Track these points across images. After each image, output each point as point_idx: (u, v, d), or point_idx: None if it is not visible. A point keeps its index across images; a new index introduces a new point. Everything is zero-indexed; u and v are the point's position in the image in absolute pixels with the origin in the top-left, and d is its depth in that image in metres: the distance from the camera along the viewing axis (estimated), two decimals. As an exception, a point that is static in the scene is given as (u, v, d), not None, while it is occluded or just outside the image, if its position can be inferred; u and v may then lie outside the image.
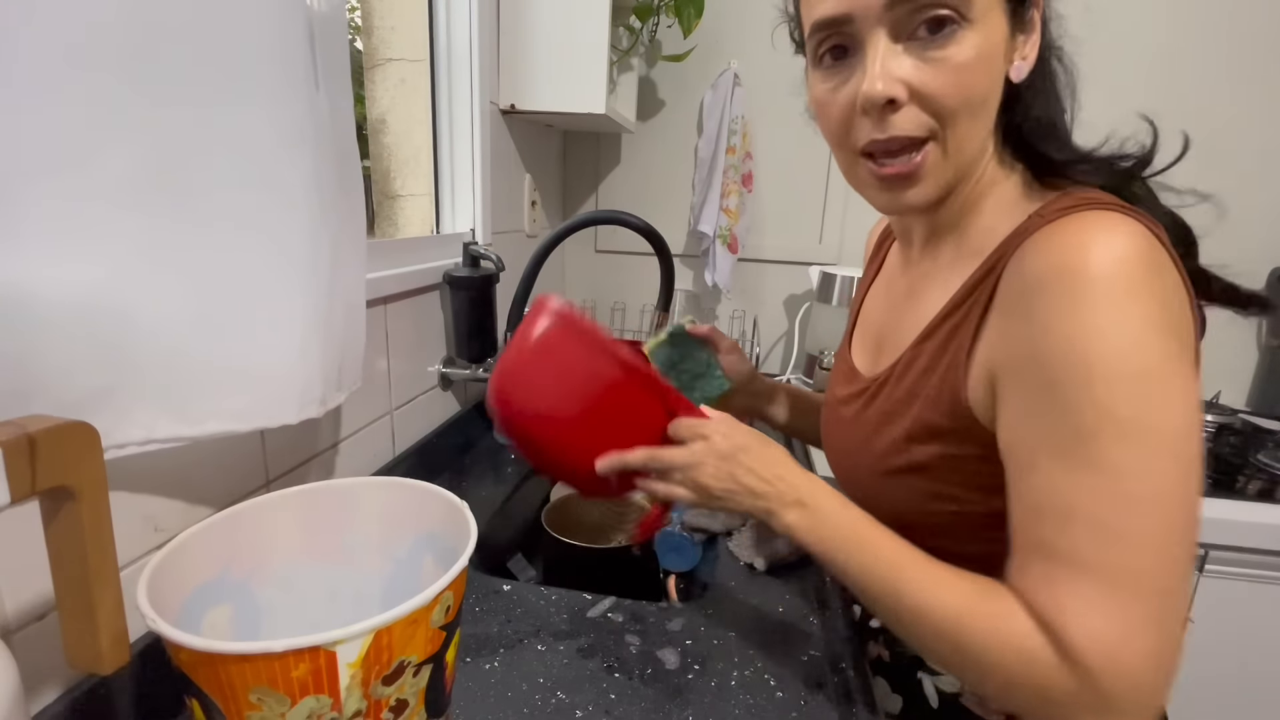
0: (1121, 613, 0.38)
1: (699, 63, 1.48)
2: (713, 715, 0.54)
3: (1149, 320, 0.38)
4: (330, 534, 0.53)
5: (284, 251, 0.50)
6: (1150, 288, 0.39)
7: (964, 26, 0.43)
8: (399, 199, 1.12)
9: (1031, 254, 0.43)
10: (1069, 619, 0.39)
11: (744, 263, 1.63)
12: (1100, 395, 0.38)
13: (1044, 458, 0.41)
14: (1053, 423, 0.40)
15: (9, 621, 0.43)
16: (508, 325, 1.00)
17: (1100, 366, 0.38)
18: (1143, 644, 0.38)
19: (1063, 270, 0.40)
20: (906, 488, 0.53)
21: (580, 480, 0.56)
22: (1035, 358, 0.41)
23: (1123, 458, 0.38)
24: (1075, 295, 0.39)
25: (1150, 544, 0.38)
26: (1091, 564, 0.39)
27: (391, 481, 0.55)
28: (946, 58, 0.43)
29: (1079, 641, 0.38)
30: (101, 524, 0.35)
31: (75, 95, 0.38)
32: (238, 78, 0.45)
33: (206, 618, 0.45)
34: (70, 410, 0.37)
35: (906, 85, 0.44)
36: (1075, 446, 0.39)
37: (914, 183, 0.48)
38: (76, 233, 0.39)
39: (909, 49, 0.44)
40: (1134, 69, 1.42)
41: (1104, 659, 0.37)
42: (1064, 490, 0.40)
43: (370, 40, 1.07)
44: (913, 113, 0.45)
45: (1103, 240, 0.39)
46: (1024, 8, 0.45)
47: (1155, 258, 0.40)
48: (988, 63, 0.44)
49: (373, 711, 0.39)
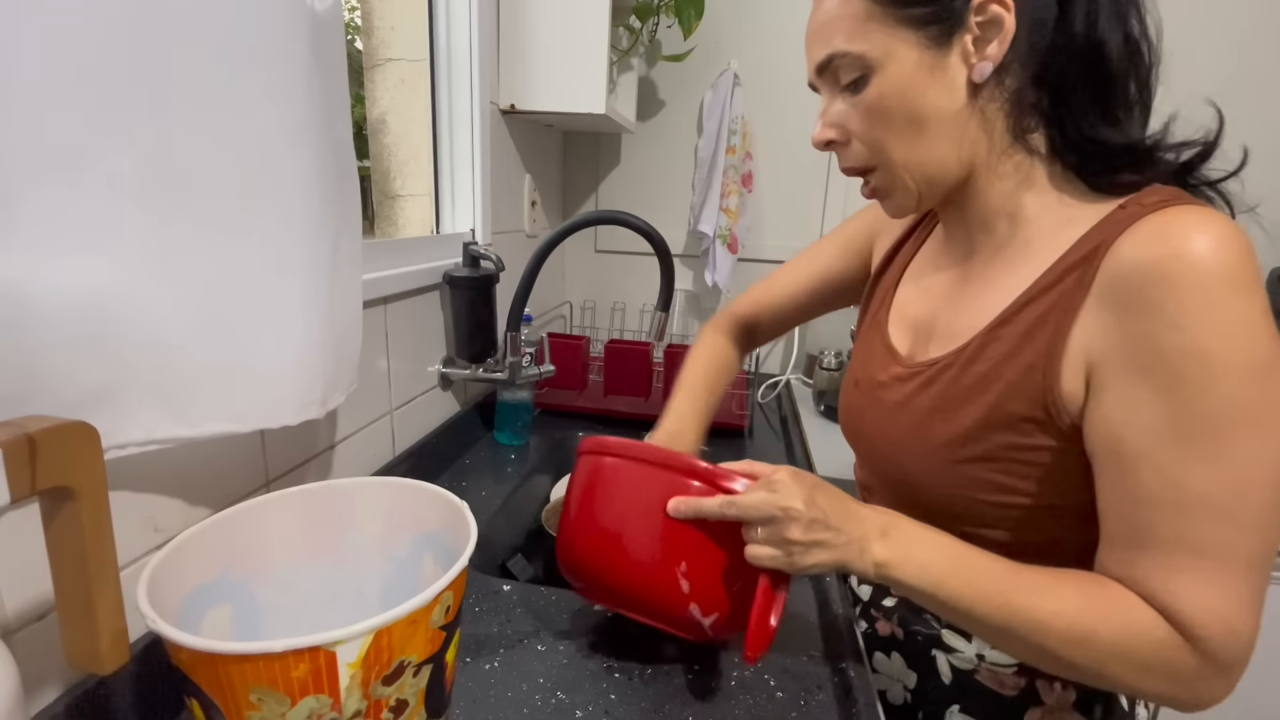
0: (1237, 590, 0.42)
1: (699, 63, 1.48)
2: (713, 715, 0.54)
3: (1264, 314, 0.41)
4: (330, 534, 0.53)
5: (283, 252, 0.50)
6: (1258, 283, 0.41)
7: (872, 72, 0.49)
8: (399, 199, 1.13)
9: (1133, 244, 0.43)
10: (1190, 601, 0.42)
11: (744, 263, 1.63)
12: (1222, 385, 0.40)
13: (1162, 449, 0.42)
14: (1173, 415, 0.42)
15: (9, 621, 0.43)
16: (508, 325, 1.01)
17: (1227, 360, 0.40)
18: (1252, 615, 0.42)
19: (1174, 260, 0.41)
20: (967, 477, 0.52)
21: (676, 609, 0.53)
22: (1152, 353, 0.42)
23: (1244, 448, 0.41)
24: (1192, 288, 0.40)
25: (1261, 526, 0.41)
26: (1209, 548, 0.42)
27: (391, 482, 0.55)
28: (860, 101, 0.51)
29: (1201, 620, 0.42)
30: (101, 524, 0.35)
31: (75, 95, 0.38)
32: (236, 78, 0.45)
33: (206, 618, 0.45)
34: (70, 411, 0.37)
35: (840, 129, 0.54)
36: (1197, 438, 0.41)
37: (882, 198, 0.56)
38: (76, 233, 0.39)
39: (843, 98, 0.53)
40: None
41: (1226, 634, 0.42)
42: (1184, 481, 0.42)
43: (370, 40, 1.07)
44: (856, 148, 0.54)
45: (1212, 236, 0.41)
46: (946, 24, 0.47)
47: (1252, 254, 0.42)
48: (900, 94, 0.49)
49: (373, 711, 0.39)
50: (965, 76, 0.48)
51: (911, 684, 0.63)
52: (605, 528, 0.55)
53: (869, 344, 0.66)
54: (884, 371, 0.61)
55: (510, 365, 1.02)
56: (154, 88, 0.41)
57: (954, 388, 0.53)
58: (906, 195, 0.54)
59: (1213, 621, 0.42)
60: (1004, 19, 0.46)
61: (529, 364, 1.05)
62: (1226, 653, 0.42)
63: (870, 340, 0.66)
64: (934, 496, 0.55)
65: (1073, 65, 0.48)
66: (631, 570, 0.53)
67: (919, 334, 0.60)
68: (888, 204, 0.56)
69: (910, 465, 0.57)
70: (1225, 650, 0.42)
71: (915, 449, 0.56)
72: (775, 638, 0.51)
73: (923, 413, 0.55)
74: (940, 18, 0.47)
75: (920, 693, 0.63)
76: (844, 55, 0.50)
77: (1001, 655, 0.57)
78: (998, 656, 0.58)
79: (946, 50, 0.48)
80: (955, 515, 0.53)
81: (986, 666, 0.58)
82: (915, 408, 0.56)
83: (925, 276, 0.63)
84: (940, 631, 0.61)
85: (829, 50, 0.50)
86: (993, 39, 0.47)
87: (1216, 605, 0.42)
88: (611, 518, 0.55)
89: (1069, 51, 0.47)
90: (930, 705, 0.62)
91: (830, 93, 0.54)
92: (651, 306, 1.46)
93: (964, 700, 0.59)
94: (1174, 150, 0.49)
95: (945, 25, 0.47)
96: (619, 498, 0.55)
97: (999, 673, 0.58)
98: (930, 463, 0.54)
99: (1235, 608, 0.42)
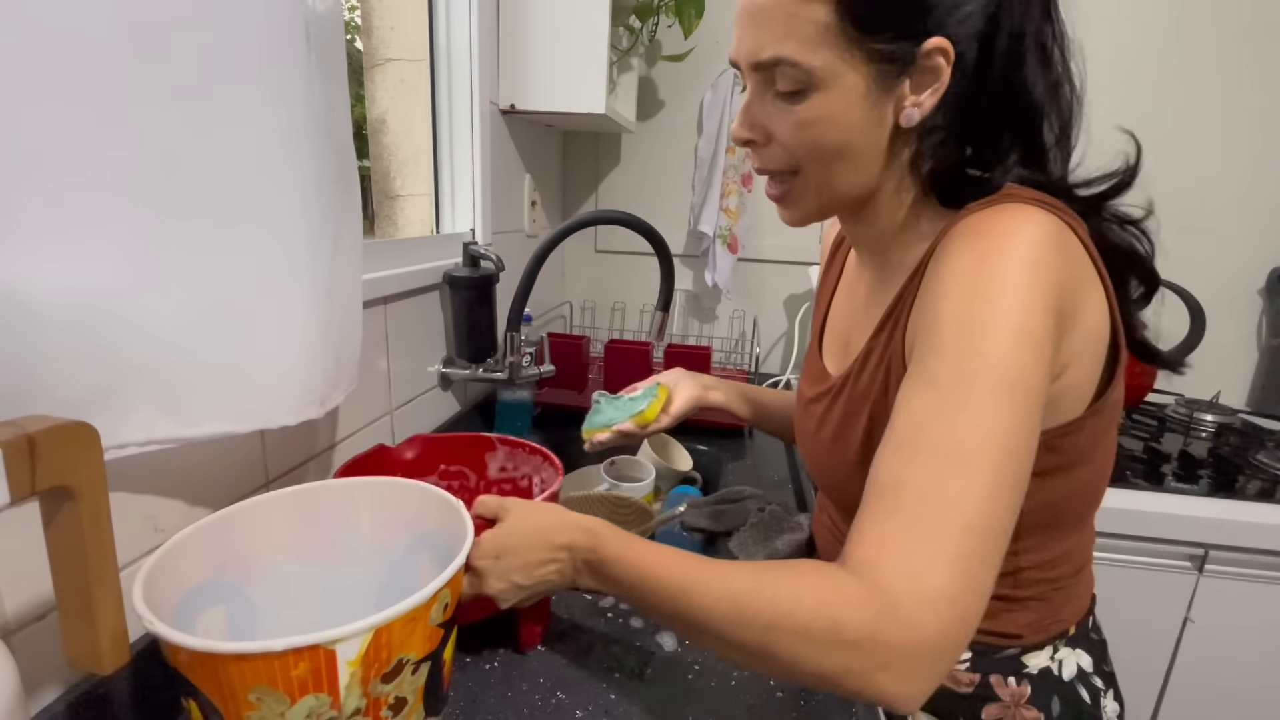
0: (943, 545, 0.38)
1: (699, 63, 1.48)
2: (713, 715, 0.54)
3: (1040, 291, 0.42)
4: (325, 534, 0.53)
5: (283, 252, 0.50)
6: (1044, 267, 0.43)
7: (814, 89, 0.48)
8: (399, 199, 1.13)
9: (948, 240, 0.47)
10: (885, 544, 0.39)
11: (744, 263, 1.63)
12: (982, 345, 0.41)
13: (915, 398, 0.43)
14: (931, 368, 0.43)
15: (9, 621, 0.43)
16: (508, 325, 1.01)
17: (987, 321, 0.42)
18: (951, 578, 0.37)
19: (970, 248, 0.45)
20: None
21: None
22: (932, 312, 0.45)
23: (985, 403, 0.40)
24: (975, 264, 0.44)
25: (988, 486, 0.39)
26: (929, 490, 0.39)
27: (386, 481, 0.55)
28: (794, 111, 0.50)
29: (885, 563, 0.38)
30: (101, 524, 0.35)
31: (74, 95, 0.38)
32: (236, 78, 0.45)
33: (201, 619, 0.45)
34: (69, 411, 0.37)
35: (764, 130, 0.52)
36: (948, 388, 0.42)
37: (784, 204, 0.57)
38: (75, 233, 0.39)
39: (773, 99, 0.51)
40: (1135, 68, 1.43)
41: (909, 587, 0.37)
42: (924, 425, 0.42)
43: (370, 40, 1.07)
44: (775, 150, 0.53)
45: (1012, 223, 0.44)
46: (898, 64, 0.47)
47: (1063, 243, 0.44)
48: (839, 118, 0.49)
49: (372, 709, 0.39)
50: (893, 119, 0.49)
51: None
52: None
53: (808, 361, 0.70)
54: (813, 387, 0.65)
55: (510, 365, 1.02)
56: (153, 88, 0.41)
57: (852, 397, 0.57)
58: (808, 210, 0.56)
59: (896, 569, 0.37)
60: (943, 72, 0.47)
61: (529, 364, 1.05)
62: (905, 606, 0.36)
63: (810, 357, 0.70)
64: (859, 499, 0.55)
65: (989, 111, 0.49)
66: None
67: (844, 347, 0.64)
68: (789, 211, 0.57)
69: (839, 474, 0.59)
70: (903, 603, 0.36)
71: (836, 458, 0.59)
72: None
73: (836, 423, 0.59)
74: (895, 57, 0.47)
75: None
76: (794, 65, 0.48)
77: None
78: None
79: (889, 88, 0.48)
80: None
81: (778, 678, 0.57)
82: (831, 419, 0.60)
83: (847, 293, 0.68)
84: None
85: (778, 53, 0.48)
86: (928, 87, 0.48)
87: (907, 553, 0.38)
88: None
89: (986, 98, 0.49)
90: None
91: (759, 90, 0.52)
92: (651, 306, 1.45)
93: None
94: (1087, 185, 0.52)
95: (896, 65, 0.47)
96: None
97: (954, 671, 0.58)
98: (850, 469, 0.56)
99: (930, 562, 0.37)
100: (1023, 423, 0.41)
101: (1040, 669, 0.57)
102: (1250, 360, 1.56)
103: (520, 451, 0.75)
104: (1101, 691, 0.58)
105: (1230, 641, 1.16)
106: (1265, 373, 1.54)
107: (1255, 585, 1.12)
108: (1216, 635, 1.16)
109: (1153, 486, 1.15)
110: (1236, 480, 1.20)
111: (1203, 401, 1.49)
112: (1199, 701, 1.19)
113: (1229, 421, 1.41)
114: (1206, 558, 1.12)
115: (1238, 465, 1.25)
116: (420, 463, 0.75)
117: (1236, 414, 1.46)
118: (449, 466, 0.77)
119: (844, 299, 0.68)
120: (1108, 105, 0.56)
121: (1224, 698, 1.18)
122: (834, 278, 0.72)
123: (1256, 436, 1.37)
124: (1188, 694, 1.19)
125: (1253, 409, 1.55)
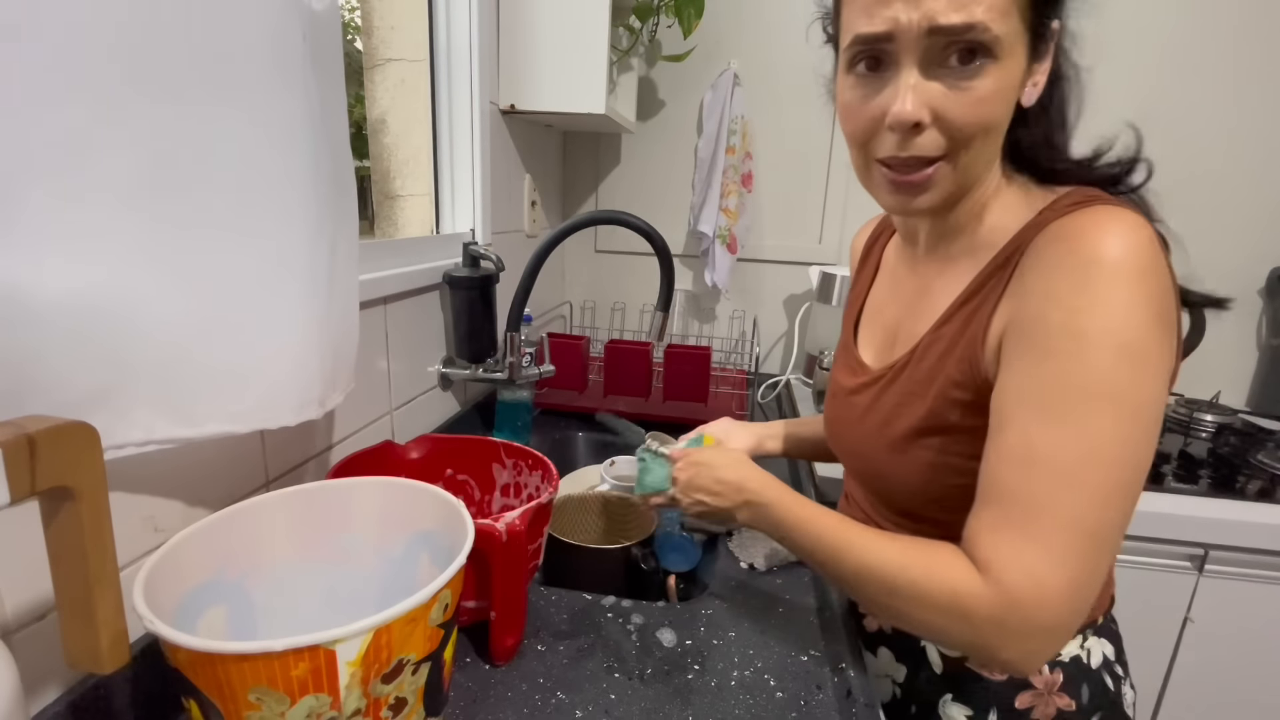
0: (1061, 552, 0.43)
1: (699, 63, 1.48)
2: (713, 715, 0.54)
3: (1144, 303, 0.43)
4: (325, 534, 0.53)
5: (282, 252, 0.50)
6: (1150, 276, 0.43)
7: (990, 61, 0.46)
8: (399, 199, 1.12)
9: (1047, 241, 0.47)
10: (1001, 550, 0.44)
11: (744, 263, 1.63)
12: (1090, 360, 0.43)
13: (1025, 410, 0.45)
14: (1041, 381, 0.44)
15: (9, 621, 0.43)
16: (508, 325, 1.01)
17: (1095, 335, 0.43)
18: (1069, 579, 0.42)
19: (1075, 253, 0.44)
20: (929, 463, 0.56)
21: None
22: (1039, 319, 0.45)
23: (1097, 420, 0.42)
24: (1083, 272, 0.44)
25: (1099, 496, 0.42)
26: (1043, 505, 0.43)
27: (386, 481, 0.55)
28: (972, 88, 0.46)
29: (1007, 568, 0.43)
30: (101, 524, 0.35)
31: (73, 95, 0.38)
32: (233, 78, 0.45)
33: (202, 619, 0.45)
34: (68, 410, 0.37)
35: (932, 110, 0.47)
36: (1057, 404, 0.43)
37: (922, 191, 0.51)
38: (75, 233, 0.39)
39: (938, 75, 0.46)
40: (1136, 70, 1.43)
41: (1031, 587, 0.42)
42: (1036, 441, 0.44)
43: (370, 40, 1.07)
44: (933, 135, 0.48)
45: (1114, 229, 0.44)
46: (1043, 42, 0.48)
47: (1156, 251, 0.44)
48: (1006, 94, 0.47)
49: (372, 709, 0.39)
50: (1018, 96, 0.49)
51: (901, 678, 0.65)
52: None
53: (843, 354, 0.71)
54: (852, 379, 0.66)
55: (510, 365, 1.02)
56: (151, 88, 0.41)
57: (909, 384, 0.57)
58: (944, 192, 0.51)
59: (1019, 572, 0.43)
60: (1049, 55, 0.49)
61: (529, 364, 1.05)
62: (1027, 606, 0.42)
63: (844, 350, 0.71)
64: (906, 487, 0.58)
65: (1053, 99, 0.52)
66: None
67: (890, 340, 0.64)
68: (921, 198, 0.51)
69: (882, 461, 0.60)
70: (1025, 603, 0.42)
71: (883, 445, 0.59)
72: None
73: (886, 411, 0.59)
74: (1043, 34, 0.48)
75: (911, 686, 0.64)
76: (986, 30, 0.44)
77: None
78: None
79: (1030, 67, 0.49)
80: (929, 501, 0.57)
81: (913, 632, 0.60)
82: (880, 408, 0.60)
83: (890, 285, 0.68)
84: None
85: (968, 18, 0.43)
86: (1042, 69, 0.50)
87: (1029, 558, 0.43)
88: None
89: (1061, 84, 0.52)
90: (923, 697, 0.63)
91: (924, 65, 0.46)
92: (651, 306, 1.45)
93: (955, 689, 0.61)
94: (1109, 167, 0.54)
95: (1042, 42, 0.49)
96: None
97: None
98: (897, 456, 0.58)
99: (1051, 566, 0.42)
100: (1129, 433, 0.42)
101: (1071, 657, 0.58)
102: (1250, 360, 1.56)
103: (523, 462, 0.75)
104: (1121, 679, 0.61)
105: (1230, 641, 1.16)
106: (1265, 373, 1.54)
107: (1255, 585, 1.12)
108: (1216, 635, 1.15)
109: (1153, 486, 1.15)
110: (1236, 480, 1.20)
111: (1203, 401, 1.49)
112: (1199, 701, 1.19)
113: (1229, 421, 1.41)
114: (1206, 558, 1.12)
115: (1238, 465, 1.25)
116: (425, 463, 0.75)
117: (1236, 414, 1.46)
118: (456, 474, 0.77)
119: (886, 293, 0.68)
120: (1108, 105, 0.56)
121: (1224, 698, 1.18)
122: (869, 275, 0.72)
123: (1256, 436, 1.37)
124: (1188, 694, 1.19)
125: (1253, 409, 1.55)
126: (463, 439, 0.77)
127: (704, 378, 1.26)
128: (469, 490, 0.77)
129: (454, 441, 0.77)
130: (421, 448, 0.76)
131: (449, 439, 0.77)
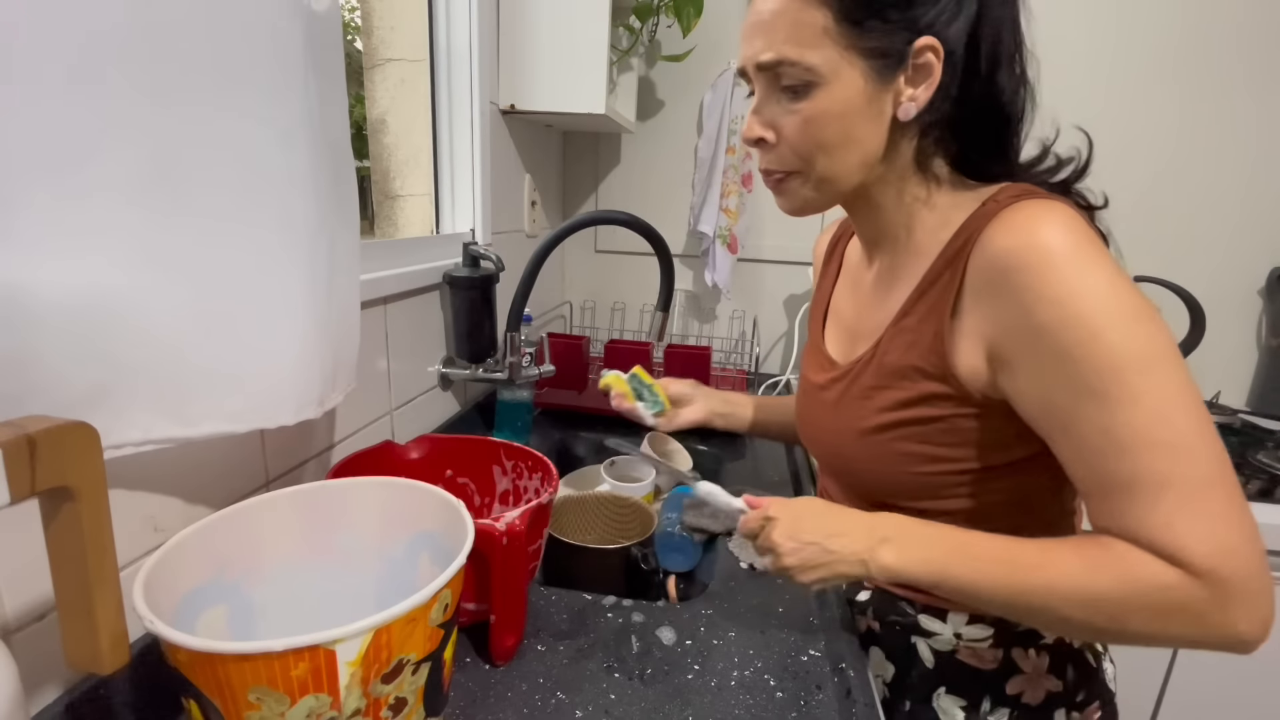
0: (1208, 508, 0.43)
1: (699, 63, 1.48)
2: (713, 715, 0.54)
3: (1116, 274, 0.46)
4: (325, 534, 0.53)
5: (281, 252, 0.50)
6: (1103, 251, 0.47)
7: (816, 86, 0.52)
8: (399, 199, 1.13)
9: (993, 237, 0.49)
10: (1178, 535, 0.43)
11: (744, 263, 1.63)
12: (1105, 337, 0.44)
13: (1083, 408, 0.46)
14: (1076, 377, 0.45)
15: (9, 621, 0.43)
16: (508, 325, 1.01)
17: (1097, 317, 0.44)
18: (1237, 527, 0.43)
19: (1028, 249, 0.47)
20: (899, 452, 0.58)
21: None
22: (1037, 330, 0.47)
23: (1145, 383, 0.44)
24: (1049, 268, 0.46)
25: (1199, 445, 0.44)
26: (1162, 479, 0.44)
27: (386, 481, 0.55)
28: (799, 110, 0.53)
29: (1197, 549, 0.43)
30: (101, 524, 0.35)
31: (73, 95, 0.38)
32: (233, 78, 0.45)
33: (201, 619, 0.45)
34: (67, 411, 0.37)
35: (775, 130, 0.55)
36: (1105, 389, 0.45)
37: (786, 195, 0.59)
38: (74, 233, 0.39)
39: (779, 100, 0.55)
40: (1136, 71, 1.43)
41: (1218, 552, 0.42)
42: (1112, 427, 0.45)
43: (370, 40, 1.07)
44: (781, 151, 0.56)
45: (1053, 220, 0.47)
46: (895, 61, 0.51)
47: (1089, 230, 0.48)
48: (838, 114, 0.52)
49: (372, 710, 0.39)
50: (891, 112, 0.53)
51: (889, 676, 0.66)
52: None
53: (810, 352, 0.73)
54: (821, 375, 0.68)
55: (510, 365, 1.02)
56: (151, 88, 0.41)
57: (875, 377, 0.59)
58: (805, 199, 0.59)
59: (1200, 545, 0.42)
60: (934, 67, 0.51)
61: (529, 364, 1.05)
62: (1227, 570, 0.42)
63: (812, 348, 0.73)
64: (878, 479, 0.60)
65: (977, 112, 0.54)
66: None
67: (853, 336, 0.67)
68: (788, 201, 0.60)
69: (851, 453, 0.62)
70: (1225, 568, 0.42)
71: (853, 437, 0.61)
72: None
73: (855, 404, 0.61)
74: (887, 54, 0.51)
75: (900, 683, 0.65)
76: (794, 64, 0.51)
77: (976, 630, 0.61)
78: (973, 632, 0.61)
79: (884, 84, 0.52)
80: (901, 494, 0.59)
81: (965, 644, 0.61)
82: (849, 401, 0.62)
83: (851, 284, 0.71)
84: (917, 617, 0.63)
85: (777, 55, 0.52)
86: (922, 83, 0.52)
87: (1197, 528, 0.43)
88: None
89: (975, 100, 0.54)
90: (916, 692, 0.64)
91: (766, 91, 0.55)
92: (651, 306, 1.45)
93: (948, 681, 0.62)
94: (1048, 173, 0.57)
95: (889, 61, 0.51)
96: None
97: (976, 648, 0.61)
98: (868, 447, 0.60)
99: (1214, 525, 0.43)
100: (1175, 375, 0.44)
101: (1055, 638, 0.60)
102: (1250, 360, 1.56)
103: (523, 463, 0.75)
104: (1101, 655, 0.63)
105: (1230, 641, 1.16)
106: (1265, 373, 1.54)
107: (1255, 585, 1.12)
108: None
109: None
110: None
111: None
112: (1199, 702, 1.19)
113: (1229, 421, 1.41)
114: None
115: (1238, 465, 1.25)
116: (425, 463, 0.75)
117: (1236, 414, 1.46)
118: (457, 476, 0.77)
119: (847, 291, 0.71)
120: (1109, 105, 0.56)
121: (1224, 698, 1.18)
122: (832, 275, 0.75)
123: (1256, 436, 1.37)
124: (1188, 694, 1.19)
125: (1253, 409, 1.55)
126: (463, 439, 0.77)
127: (704, 378, 1.25)
128: (469, 494, 0.77)
129: (454, 442, 0.77)
130: (421, 448, 0.76)
131: (449, 439, 0.77)
